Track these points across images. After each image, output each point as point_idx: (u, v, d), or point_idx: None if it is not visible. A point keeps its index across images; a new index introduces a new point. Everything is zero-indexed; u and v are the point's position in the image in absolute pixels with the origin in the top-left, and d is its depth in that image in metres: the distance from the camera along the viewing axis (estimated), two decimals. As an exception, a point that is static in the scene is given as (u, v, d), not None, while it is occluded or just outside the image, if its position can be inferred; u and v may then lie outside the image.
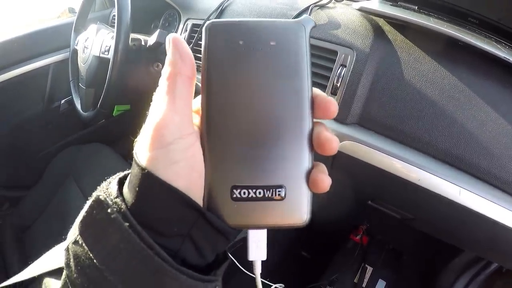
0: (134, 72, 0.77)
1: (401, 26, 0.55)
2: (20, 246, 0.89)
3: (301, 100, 0.20)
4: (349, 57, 0.53)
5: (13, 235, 0.90)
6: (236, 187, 0.19)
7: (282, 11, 0.64)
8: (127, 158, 0.87)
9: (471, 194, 0.48)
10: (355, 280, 0.82)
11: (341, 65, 0.53)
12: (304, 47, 0.21)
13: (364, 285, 0.81)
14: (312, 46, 0.59)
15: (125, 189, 0.19)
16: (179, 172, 0.18)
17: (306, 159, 0.20)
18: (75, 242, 0.18)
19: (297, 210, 0.20)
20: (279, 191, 0.20)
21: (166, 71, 0.20)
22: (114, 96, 0.71)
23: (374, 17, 0.57)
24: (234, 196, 0.19)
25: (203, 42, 0.20)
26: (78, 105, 0.83)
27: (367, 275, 0.83)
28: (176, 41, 0.20)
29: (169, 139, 0.18)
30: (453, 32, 0.49)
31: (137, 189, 0.18)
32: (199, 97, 0.21)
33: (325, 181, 0.19)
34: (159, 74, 0.70)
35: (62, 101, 0.97)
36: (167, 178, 0.17)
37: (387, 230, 0.94)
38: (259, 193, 0.19)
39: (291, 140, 0.20)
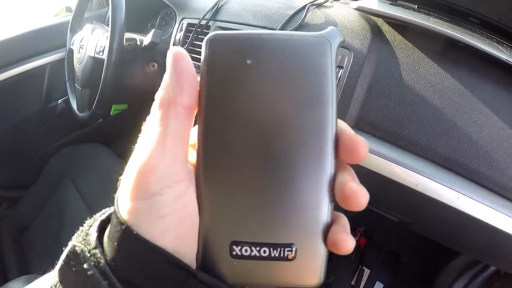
0: (130, 72, 0.75)
1: (400, 26, 0.53)
2: (18, 247, 0.88)
3: (322, 138, 0.16)
4: (346, 58, 0.51)
5: (11, 236, 0.89)
6: (236, 243, 0.16)
7: (278, 10, 0.62)
8: (124, 158, 0.86)
9: (470, 200, 0.47)
10: (352, 283, 0.81)
11: (338, 66, 0.51)
12: (329, 69, 0.16)
13: (361, 287, 0.80)
14: None
15: (105, 238, 0.16)
16: (167, 228, 0.15)
17: (324, 212, 0.16)
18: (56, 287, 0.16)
19: (310, 271, 0.16)
20: (288, 250, 0.16)
21: (158, 96, 0.16)
22: (109, 97, 0.70)
23: (372, 17, 0.55)
24: (234, 253, 0.16)
25: (202, 59, 0.16)
26: (74, 106, 0.82)
27: (365, 278, 0.82)
28: (177, 57, 0.16)
29: (155, 189, 0.15)
30: (453, 33, 0.47)
31: (116, 244, 0.15)
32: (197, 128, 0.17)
33: (348, 243, 0.15)
34: (155, 74, 0.68)
35: (59, 101, 0.96)
36: (151, 235, 0.15)
37: (385, 232, 0.92)
38: (264, 251, 0.16)
39: (306, 188, 0.16)
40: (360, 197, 0.15)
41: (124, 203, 0.15)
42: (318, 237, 0.16)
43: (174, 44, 0.72)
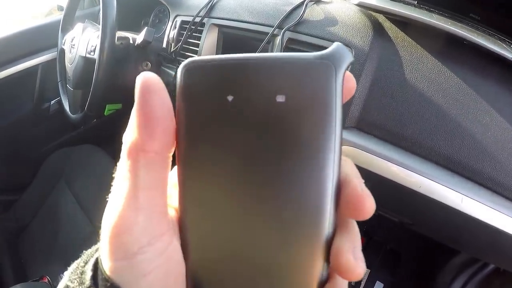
0: (123, 71, 0.72)
1: (402, 23, 0.51)
2: (13, 251, 0.86)
3: (318, 193, 0.13)
4: (347, 57, 0.49)
5: (6, 240, 0.87)
6: None
7: (276, 6, 0.59)
8: (118, 159, 0.84)
9: (473, 202, 0.45)
10: (352, 283, 0.79)
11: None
12: (333, 105, 0.13)
13: (361, 287, 0.78)
14: (307, 44, 0.56)
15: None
16: (152, 284, 0.13)
17: (316, 275, 0.14)
18: None
19: None
20: None
21: (125, 140, 0.13)
22: (102, 98, 0.67)
23: (373, 13, 0.53)
24: None
25: (177, 90, 0.13)
26: (67, 107, 0.79)
27: (364, 277, 0.80)
28: (145, 90, 0.13)
29: (134, 249, 0.13)
30: (458, 30, 0.45)
31: None
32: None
33: None
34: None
35: (52, 102, 0.93)
36: None
37: (384, 231, 0.91)
38: None
39: (299, 249, 0.14)
40: (356, 270, 0.13)
41: (105, 260, 0.13)
42: None
43: (168, 42, 0.69)
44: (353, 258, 0.13)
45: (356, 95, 0.49)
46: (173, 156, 0.14)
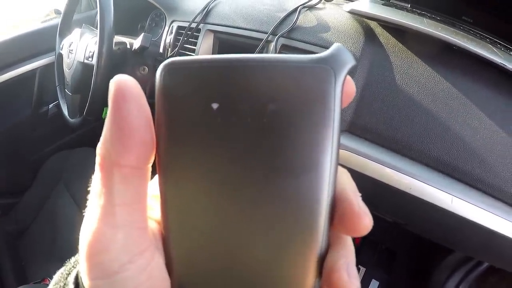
0: (120, 76, 0.73)
1: (394, 29, 0.52)
2: (14, 254, 0.87)
3: (313, 209, 0.12)
4: (339, 63, 0.50)
5: (6, 243, 0.88)
6: None
7: (269, 12, 0.60)
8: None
9: (463, 202, 0.46)
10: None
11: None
12: (331, 114, 0.12)
13: (357, 286, 0.79)
14: (301, 50, 0.57)
15: None
16: None
17: None
18: None
19: None
20: None
21: (97, 154, 0.12)
22: (100, 103, 0.68)
23: (365, 20, 0.54)
24: None
25: (156, 93, 0.12)
26: (65, 111, 0.80)
27: (360, 276, 0.81)
28: (118, 96, 0.11)
29: (114, 267, 0.12)
30: (447, 36, 0.46)
31: None
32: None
33: None
34: (145, 78, 0.66)
35: (51, 105, 0.94)
36: None
37: (380, 230, 0.92)
38: None
39: (290, 264, 0.13)
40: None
41: (84, 278, 0.12)
42: None
43: (164, 48, 0.70)
44: (347, 276, 0.12)
45: (349, 100, 0.50)
46: (153, 165, 0.13)
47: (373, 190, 0.53)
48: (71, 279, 0.14)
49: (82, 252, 0.12)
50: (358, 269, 0.83)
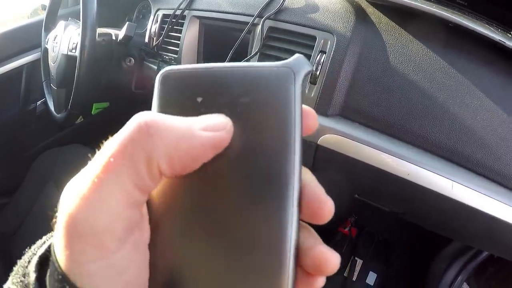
0: (106, 68, 0.69)
1: (386, 7, 0.48)
2: (5, 255, 0.83)
3: (281, 195, 0.13)
4: (329, 42, 0.46)
5: (-3, 243, 0.84)
6: None
7: (256, -4, 0.56)
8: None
9: (464, 188, 0.43)
10: (345, 274, 0.77)
11: (320, 51, 0.46)
12: (291, 106, 0.13)
13: (354, 278, 0.76)
14: (288, 32, 0.53)
15: (48, 280, 0.12)
16: (130, 282, 0.12)
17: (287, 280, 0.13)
18: None
19: None
20: None
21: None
22: (85, 96, 0.64)
23: (356, -2, 0.50)
24: None
25: (155, 98, 0.14)
26: (52, 107, 0.76)
27: (357, 268, 0.78)
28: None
29: (111, 245, 0.11)
30: (443, 13, 0.43)
31: None
32: None
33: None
34: (131, 69, 0.61)
35: (38, 103, 0.90)
36: None
37: (376, 221, 0.89)
38: None
39: (267, 254, 0.13)
40: (332, 263, 0.13)
41: (69, 263, 0.11)
42: None
43: (150, 38, 0.66)
44: (326, 248, 0.13)
45: (339, 82, 0.46)
46: None
47: (368, 177, 0.49)
48: (31, 267, 0.13)
49: (67, 230, 0.11)
50: (355, 262, 0.79)
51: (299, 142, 0.13)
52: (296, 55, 0.14)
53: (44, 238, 0.15)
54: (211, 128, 0.12)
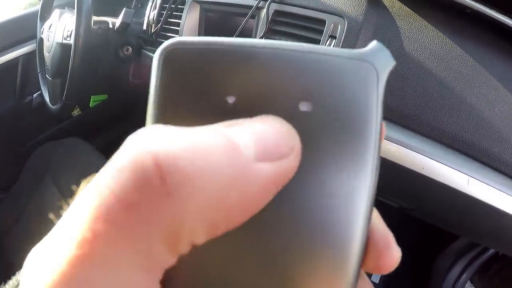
0: (103, 58, 0.66)
1: (399, -10, 0.44)
2: (0, 252, 0.81)
3: (347, 236, 0.09)
4: (339, 27, 0.43)
5: (-7, 239, 0.82)
6: None
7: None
8: (105, 153, 0.78)
9: (480, 184, 0.40)
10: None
11: (330, 36, 0.43)
12: (373, 122, 0.09)
13: (359, 276, 0.74)
14: (296, 16, 0.50)
15: None
16: None
17: None
18: None
19: None
20: None
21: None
22: (80, 86, 0.61)
23: (367, -18, 0.47)
24: None
25: (153, 85, 0.09)
26: (47, 98, 0.72)
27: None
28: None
29: None
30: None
31: None
32: None
33: None
34: (129, 59, 0.57)
35: (35, 95, 0.87)
36: None
37: (382, 217, 0.86)
38: None
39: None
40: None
41: None
42: None
43: (148, 25, 0.62)
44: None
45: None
46: None
47: (379, 171, 0.46)
48: None
49: None
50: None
51: (377, 165, 0.09)
52: (374, 43, 0.10)
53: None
54: (273, 155, 0.08)
